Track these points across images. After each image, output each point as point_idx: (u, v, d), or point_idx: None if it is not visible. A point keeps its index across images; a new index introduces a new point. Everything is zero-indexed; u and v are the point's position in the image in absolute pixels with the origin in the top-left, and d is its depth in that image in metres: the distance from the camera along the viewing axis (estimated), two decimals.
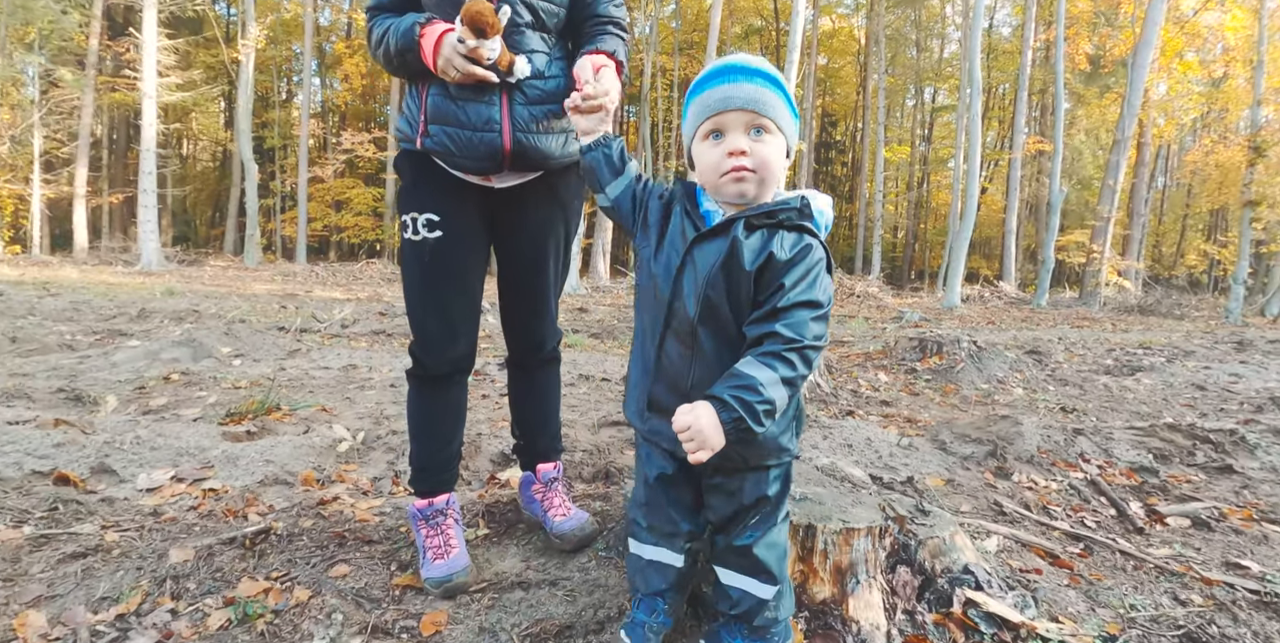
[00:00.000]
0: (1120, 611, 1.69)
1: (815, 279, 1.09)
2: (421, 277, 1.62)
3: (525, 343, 1.84)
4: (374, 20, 1.61)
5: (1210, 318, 13.42)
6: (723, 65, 1.15)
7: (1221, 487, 2.92)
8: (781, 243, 1.10)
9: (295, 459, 2.38)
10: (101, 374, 3.44)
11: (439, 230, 1.58)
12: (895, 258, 32.89)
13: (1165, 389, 5.16)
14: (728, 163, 1.11)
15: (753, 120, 1.11)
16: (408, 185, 1.63)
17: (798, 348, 1.05)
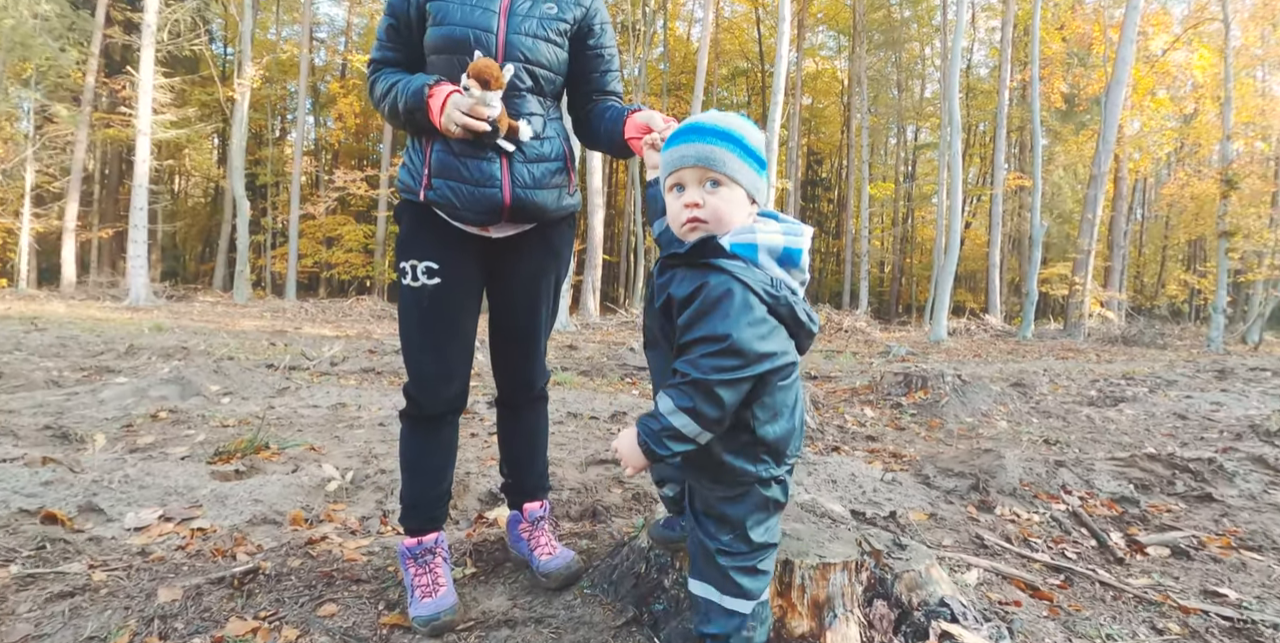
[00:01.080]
0: (1097, 640, 1.72)
1: (711, 314, 1.14)
2: (420, 321, 1.67)
3: (515, 382, 1.89)
4: (377, 73, 1.68)
5: (1193, 346, 13.61)
6: (685, 125, 1.29)
7: (1201, 515, 2.96)
8: (680, 283, 1.20)
9: (284, 498, 2.40)
10: (89, 411, 3.44)
11: (438, 277, 1.65)
12: (883, 292, 33.24)
13: (1147, 419, 5.23)
14: (685, 214, 1.24)
15: (704, 175, 1.23)
16: (408, 234, 1.68)
17: (690, 382, 1.14)
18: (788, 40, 13.80)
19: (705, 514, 1.29)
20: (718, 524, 1.27)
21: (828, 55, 32.96)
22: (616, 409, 4.66)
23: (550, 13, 1.68)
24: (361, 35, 29.40)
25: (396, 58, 1.69)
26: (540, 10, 1.67)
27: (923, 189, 32.03)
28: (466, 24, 1.60)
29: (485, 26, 1.61)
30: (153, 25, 14.81)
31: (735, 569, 1.24)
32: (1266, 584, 2.27)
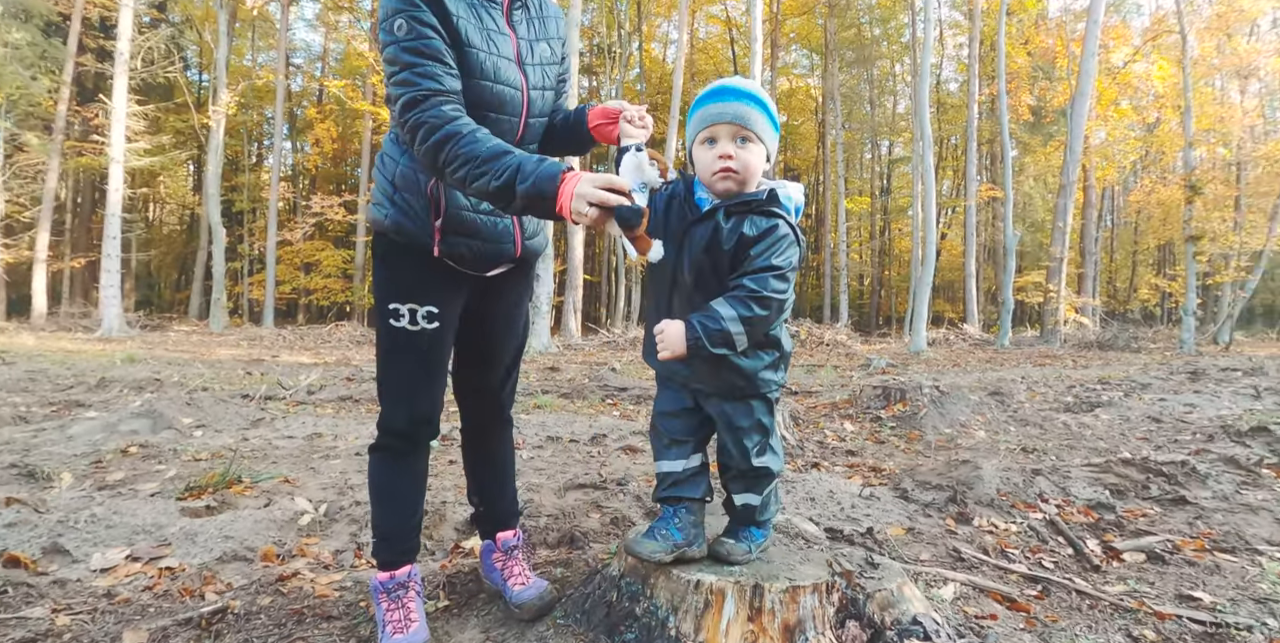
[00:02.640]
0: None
1: (777, 249, 1.40)
2: (415, 364, 1.66)
3: (489, 408, 1.89)
4: (450, 119, 1.41)
5: (1165, 349, 13.84)
6: (720, 86, 1.46)
7: (1176, 518, 3.00)
8: (752, 225, 1.41)
9: (255, 534, 2.36)
10: (57, 448, 3.37)
11: (437, 321, 1.64)
12: (863, 304, 33.55)
13: (1122, 424, 5.30)
14: (718, 164, 1.42)
15: (738, 132, 1.42)
16: (408, 278, 1.64)
17: (757, 296, 1.37)
18: (760, 60, 14.03)
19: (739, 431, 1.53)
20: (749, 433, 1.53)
21: (801, 73, 33.53)
22: (596, 432, 4.65)
23: (547, 57, 1.69)
24: (339, 60, 29.44)
25: (457, 86, 1.49)
26: (541, 56, 1.68)
27: (898, 202, 32.49)
28: (498, 81, 1.58)
29: (515, 85, 1.61)
30: (126, 53, 14.74)
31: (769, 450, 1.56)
32: (1240, 586, 2.30)
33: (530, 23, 1.68)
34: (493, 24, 1.57)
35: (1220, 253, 16.74)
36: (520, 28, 1.65)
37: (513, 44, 1.61)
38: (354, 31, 27.06)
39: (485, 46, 1.54)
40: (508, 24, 1.62)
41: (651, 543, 1.50)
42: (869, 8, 29.06)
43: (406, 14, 1.44)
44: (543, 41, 1.70)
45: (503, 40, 1.59)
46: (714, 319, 1.35)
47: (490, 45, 1.55)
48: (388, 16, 1.47)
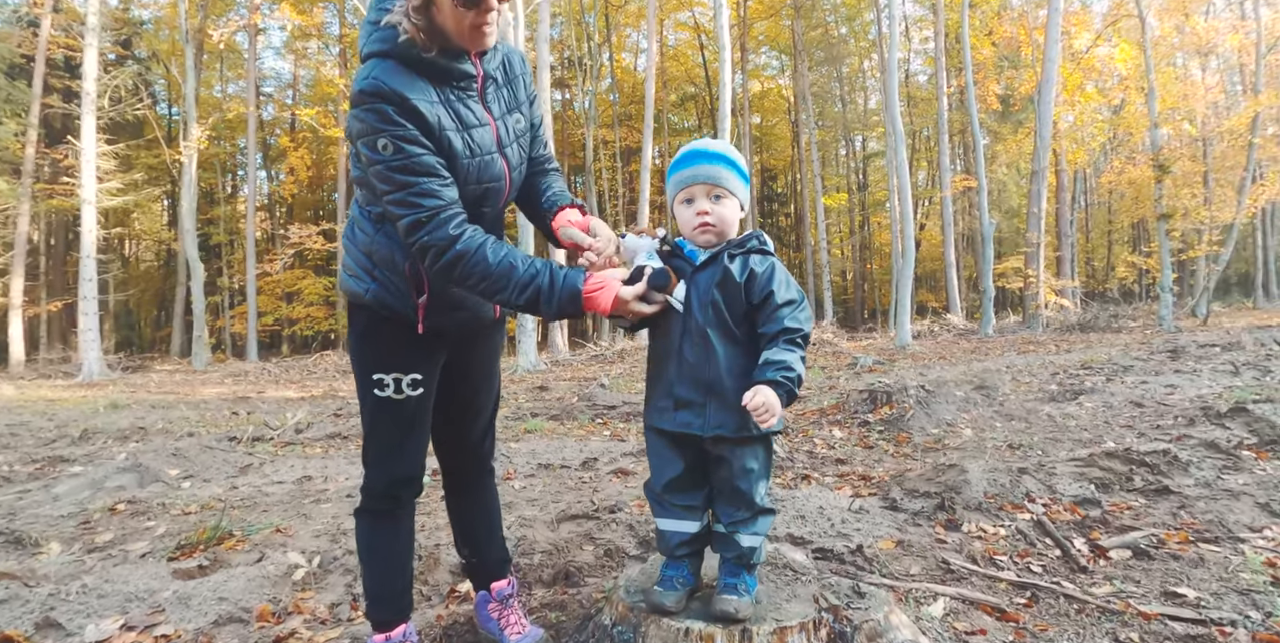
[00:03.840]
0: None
1: (787, 282, 1.54)
2: (402, 429, 1.68)
3: (472, 458, 1.91)
4: (460, 230, 1.43)
5: (1145, 327, 14.02)
6: (690, 151, 1.60)
7: (1160, 509, 3.05)
8: (755, 262, 1.55)
9: (249, 593, 2.35)
10: (43, 509, 3.34)
11: (422, 387, 1.66)
12: (847, 300, 33.74)
13: (1105, 411, 5.37)
14: (697, 220, 1.56)
15: (711, 190, 1.57)
16: (389, 347, 1.64)
17: (802, 334, 1.50)
18: (730, 64, 14.13)
19: (749, 474, 1.55)
20: (759, 476, 1.56)
21: (771, 75, 33.80)
22: (587, 455, 4.66)
23: (521, 128, 1.69)
24: (309, 87, 29.31)
25: (455, 193, 1.48)
26: (515, 129, 1.66)
27: (875, 196, 32.77)
28: (483, 181, 1.58)
29: (500, 177, 1.62)
30: (93, 93, 14.60)
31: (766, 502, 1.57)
32: (1223, 577, 2.35)
33: (501, 95, 1.64)
34: (472, 117, 1.54)
35: (1193, 228, 17.01)
36: (495, 107, 1.62)
37: (492, 131, 1.59)
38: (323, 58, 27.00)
39: (469, 152, 1.53)
40: (484, 107, 1.58)
41: (672, 594, 1.54)
42: (834, 7, 29.37)
43: (389, 134, 1.40)
44: (515, 111, 1.68)
45: (483, 133, 1.56)
46: (785, 366, 1.44)
47: (474, 148, 1.53)
48: (368, 134, 1.41)
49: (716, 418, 1.52)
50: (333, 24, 25.97)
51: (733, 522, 1.55)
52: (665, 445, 1.60)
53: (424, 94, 1.45)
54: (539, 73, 15.08)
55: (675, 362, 1.56)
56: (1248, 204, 15.64)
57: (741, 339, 1.55)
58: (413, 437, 1.69)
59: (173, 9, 21.01)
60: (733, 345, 1.54)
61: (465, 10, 1.38)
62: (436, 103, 1.47)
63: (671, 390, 1.57)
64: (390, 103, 1.40)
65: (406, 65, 1.44)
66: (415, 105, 1.41)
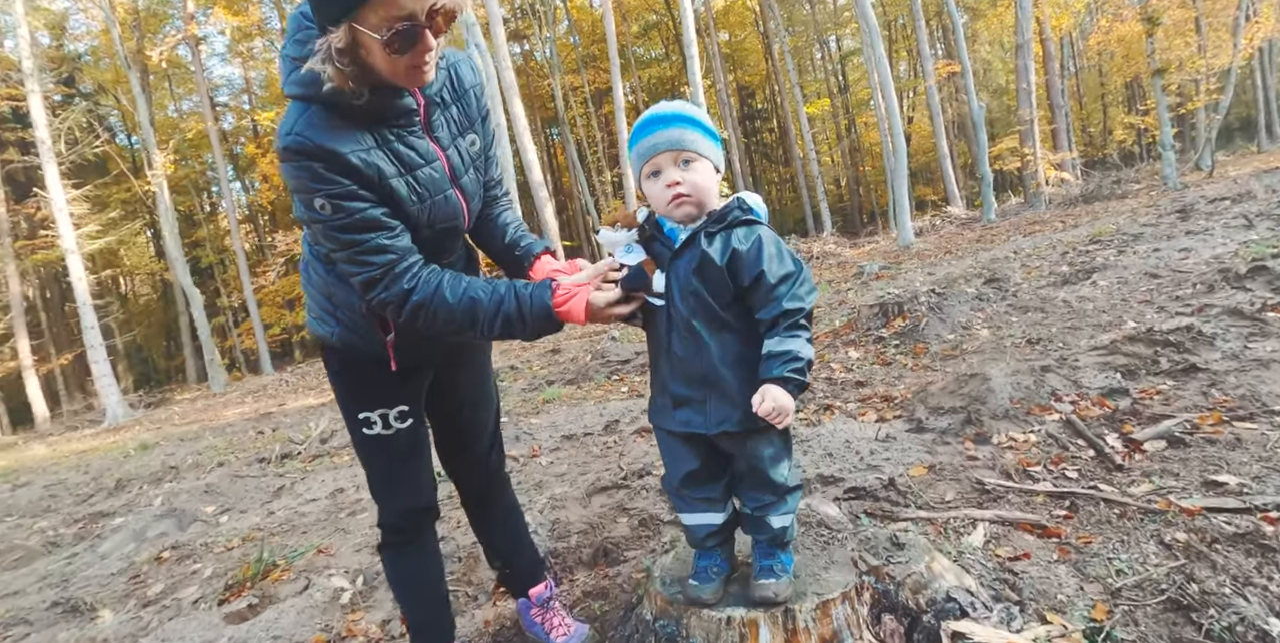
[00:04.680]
0: (1107, 580, 1.73)
1: (779, 255, 1.37)
2: (400, 461, 1.62)
3: (484, 474, 1.86)
4: (416, 277, 1.34)
5: (1150, 189, 13.68)
6: (647, 118, 1.42)
7: (1190, 389, 2.98)
8: (737, 238, 1.38)
9: (300, 626, 2.38)
10: (93, 571, 3.40)
11: (410, 418, 1.59)
12: (844, 207, 33.18)
13: (1121, 288, 5.26)
14: (668, 194, 1.39)
15: (678, 156, 1.39)
16: (369, 385, 1.57)
17: (805, 314, 1.36)
18: None
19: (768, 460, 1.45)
20: (778, 459, 1.46)
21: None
22: (609, 418, 4.65)
23: (475, 151, 1.52)
24: (263, 87, 28.44)
25: (407, 241, 1.36)
26: (469, 154, 1.49)
27: (859, 96, 31.66)
28: (435, 224, 1.42)
29: (457, 214, 1.47)
30: (47, 140, 14.18)
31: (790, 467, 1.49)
32: (1263, 457, 2.30)
33: (449, 117, 1.46)
34: (416, 157, 1.36)
35: (1189, 79, 16.33)
36: (443, 134, 1.43)
37: (443, 165, 1.42)
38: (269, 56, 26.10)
39: (417, 197, 1.37)
40: (430, 139, 1.40)
41: (709, 585, 1.51)
42: None
43: (324, 194, 1.25)
44: (469, 132, 1.50)
45: (432, 172, 1.39)
46: (790, 358, 1.32)
47: (422, 191, 1.37)
48: (302, 192, 1.27)
49: (719, 414, 1.41)
50: (272, 18, 24.98)
51: (760, 506, 1.48)
52: (675, 442, 1.50)
53: (358, 143, 1.28)
54: (492, 28, 14.45)
55: (666, 358, 1.45)
56: (1244, 45, 14.91)
57: (734, 325, 1.41)
58: (414, 465, 1.64)
59: (106, 36, 20.13)
60: (724, 333, 1.41)
61: (399, 56, 1.20)
62: (374, 149, 1.30)
63: (668, 388, 1.47)
64: (319, 160, 1.24)
65: (335, 112, 1.26)
66: (349, 160, 1.25)
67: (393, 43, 1.16)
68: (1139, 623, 1.51)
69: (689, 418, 1.44)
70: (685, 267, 1.40)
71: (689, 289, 1.39)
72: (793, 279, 1.36)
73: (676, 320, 1.42)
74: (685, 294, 1.40)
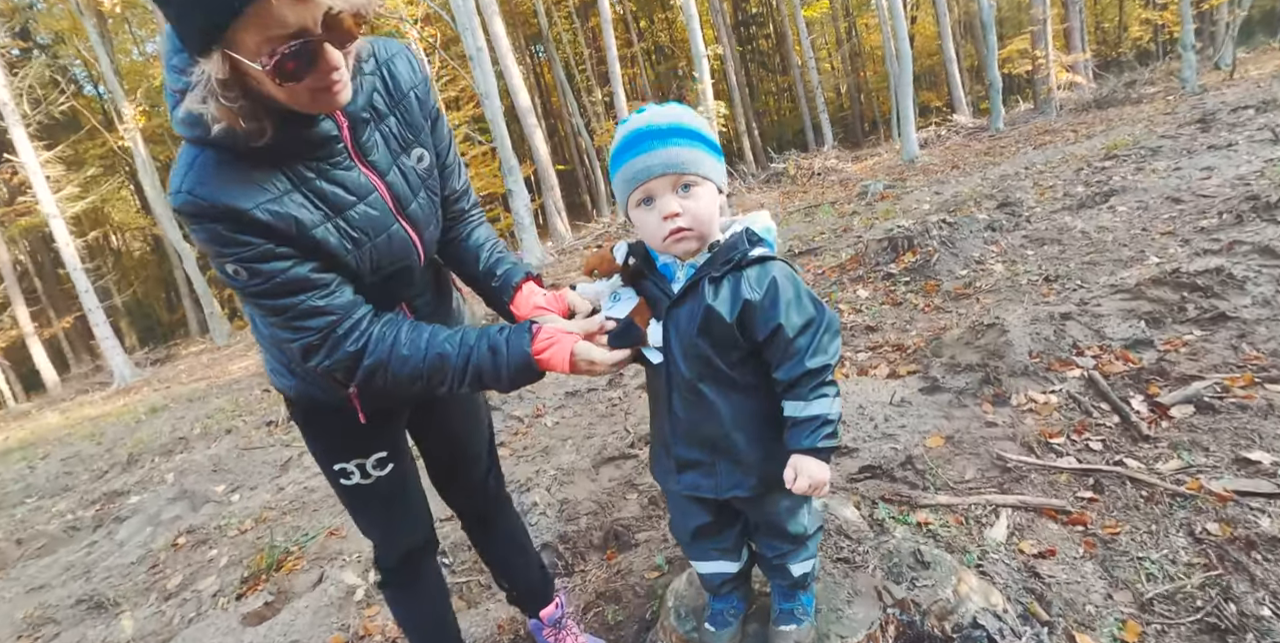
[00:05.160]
0: (1137, 586, 1.67)
1: (797, 299, 1.17)
2: (386, 507, 1.50)
3: (482, 497, 1.74)
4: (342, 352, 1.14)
5: (1167, 93, 13.00)
6: (633, 133, 1.16)
7: (1219, 341, 2.86)
8: (749, 284, 1.17)
9: (317, 625, 2.38)
10: (113, 560, 3.44)
11: (391, 463, 1.45)
12: (845, 116, 31.91)
13: (1142, 215, 5.03)
14: (665, 227, 1.16)
15: (678, 180, 1.15)
16: (340, 437, 1.41)
17: (830, 368, 1.18)
18: None
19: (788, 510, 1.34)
20: (794, 515, 1.35)
21: None
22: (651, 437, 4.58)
23: (424, 165, 1.26)
24: None
25: (346, 294, 1.15)
26: (417, 174, 1.24)
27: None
28: (381, 266, 1.21)
29: (405, 251, 1.24)
30: (9, 101, 13.37)
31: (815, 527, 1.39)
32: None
33: (386, 133, 1.20)
34: (345, 194, 1.13)
35: None
36: (379, 155, 1.18)
37: (382, 195, 1.18)
38: None
39: (352, 242, 1.14)
40: (362, 164, 1.16)
41: (726, 631, 1.44)
42: None
43: (235, 259, 1.04)
44: (414, 146, 1.24)
45: (368, 208, 1.16)
46: (821, 423, 1.17)
47: (358, 235, 1.15)
48: (212, 256, 1.06)
49: (730, 480, 1.27)
50: None
51: (779, 554, 1.37)
52: (682, 499, 1.37)
53: (266, 191, 1.04)
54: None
55: (668, 418, 1.28)
56: None
57: (745, 382, 1.23)
58: (404, 505, 1.54)
59: None
60: (734, 394, 1.23)
61: (295, 83, 0.95)
62: (290, 193, 1.07)
63: (670, 449, 1.31)
64: (218, 222, 1.01)
65: (234, 154, 1.02)
66: (254, 217, 1.02)
67: (281, 69, 0.91)
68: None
69: (696, 482, 1.30)
70: (687, 321, 1.20)
71: (693, 351, 1.20)
72: (814, 327, 1.17)
73: (678, 380, 1.23)
74: (688, 355, 1.21)
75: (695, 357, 1.20)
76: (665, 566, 2.17)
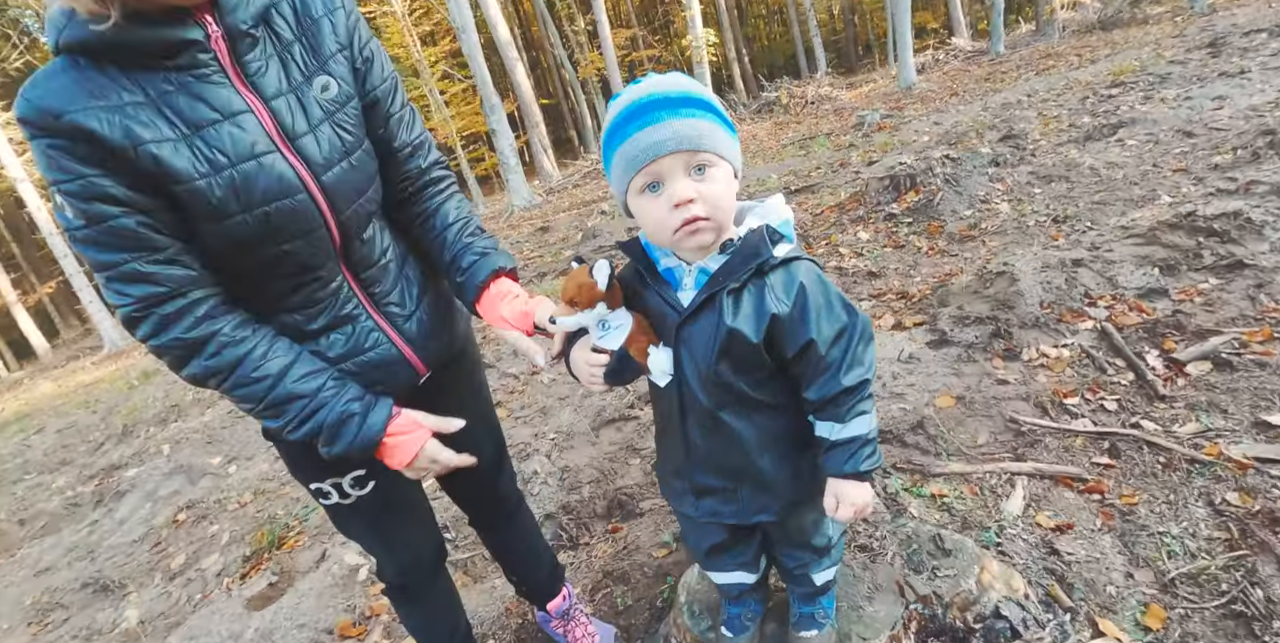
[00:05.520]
0: (1159, 565, 1.62)
1: (828, 305, 1.02)
2: (374, 526, 1.36)
3: (493, 500, 1.61)
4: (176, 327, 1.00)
5: (1175, 14, 12.41)
6: (637, 102, 0.96)
7: (1235, 291, 2.76)
8: (774, 294, 1.01)
9: (324, 607, 2.36)
10: (115, 538, 3.42)
11: (373, 480, 1.27)
12: (838, 40, 30.66)
13: (1152, 150, 4.84)
14: (676, 217, 0.96)
15: (691, 160, 0.95)
16: (305, 452, 1.19)
17: (869, 383, 1.05)
18: None
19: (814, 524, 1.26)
20: (820, 527, 1.27)
21: None
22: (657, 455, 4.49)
23: (332, 95, 1.09)
24: None
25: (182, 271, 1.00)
26: (316, 101, 1.07)
27: None
28: (252, 203, 1.00)
29: (289, 186, 1.03)
30: None
31: None
32: None
33: (284, 57, 1.05)
34: (208, 110, 0.97)
35: None
36: (267, 80, 1.02)
37: (260, 115, 1.01)
38: None
39: (206, 163, 0.96)
40: (240, 82, 1.00)
41: (743, 637, 1.39)
42: None
43: (62, 190, 0.91)
44: (319, 74, 1.07)
45: (237, 128, 0.99)
46: (860, 444, 1.05)
47: (215, 156, 0.97)
48: (49, 186, 0.93)
49: (755, 504, 1.15)
50: None
51: (800, 565, 1.29)
52: (696, 522, 1.27)
53: (108, 97, 0.91)
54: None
55: (682, 445, 1.14)
56: None
57: (771, 401, 1.09)
58: (399, 521, 1.38)
59: None
60: (758, 415, 1.09)
61: None
62: (141, 105, 0.93)
63: (686, 475, 1.18)
64: (44, 132, 0.89)
65: (88, 56, 0.92)
66: (79, 124, 0.89)
67: None
68: (1197, 636, 1.42)
69: (716, 509, 1.19)
70: (703, 345, 1.03)
71: (713, 379, 1.04)
72: (847, 336, 1.02)
73: (693, 408, 1.08)
74: (707, 383, 1.05)
75: (715, 385, 1.05)
76: (673, 543, 2.13)
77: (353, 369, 1.18)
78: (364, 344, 1.19)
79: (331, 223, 1.09)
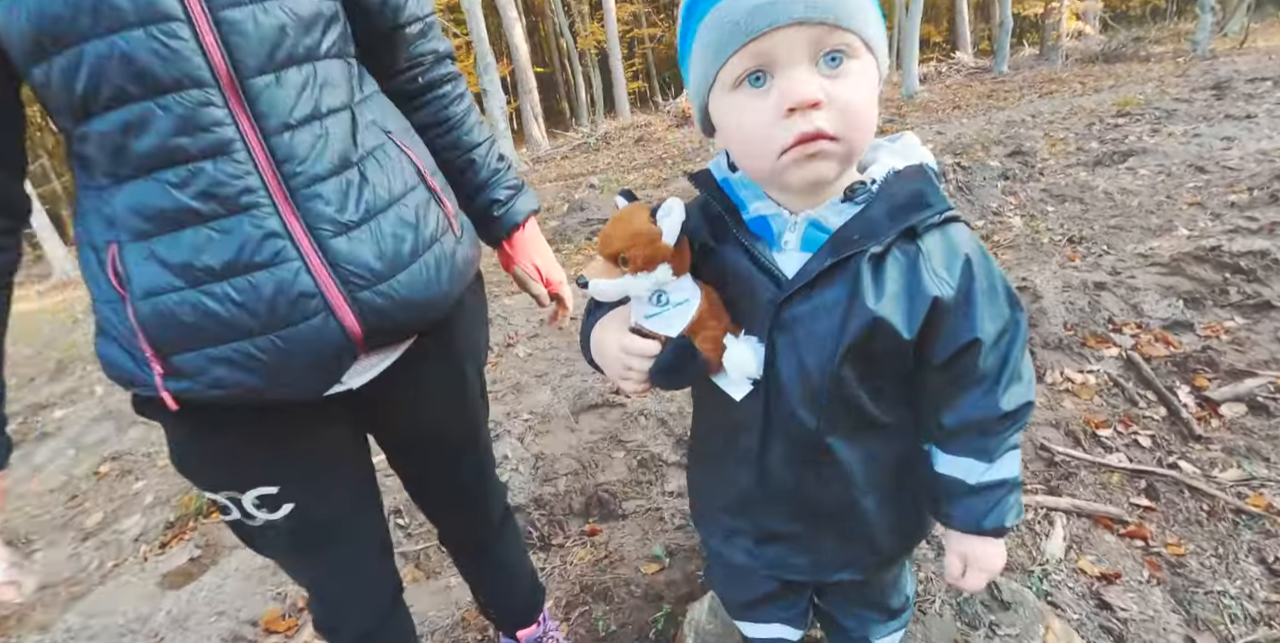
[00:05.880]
0: (1220, 629, 1.45)
1: (993, 293, 0.70)
2: (295, 564, 1.02)
3: (472, 518, 1.26)
4: None
5: (1176, 55, 12.54)
6: None
7: (1264, 332, 2.64)
8: (931, 268, 0.67)
9: (250, 594, 2.07)
10: (29, 486, 3.06)
11: (290, 503, 0.89)
12: None
13: (1165, 181, 4.75)
14: (788, 131, 0.61)
15: (825, 39, 0.60)
16: (192, 450, 0.89)
17: (1032, 406, 0.75)
18: None
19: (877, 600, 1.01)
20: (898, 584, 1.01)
21: None
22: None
23: None
24: None
25: None
26: None
27: None
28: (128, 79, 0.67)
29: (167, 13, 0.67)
30: None
31: None
32: None
33: None
34: None
35: None
36: None
37: None
38: None
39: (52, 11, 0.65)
40: None
41: None
42: None
43: None
44: None
45: None
46: (1008, 489, 0.77)
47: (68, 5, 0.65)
48: None
49: (842, 557, 0.86)
50: None
51: (862, 624, 1.03)
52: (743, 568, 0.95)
53: None
54: None
55: (754, 477, 0.80)
56: None
57: (885, 419, 0.77)
58: (329, 562, 1.01)
59: None
60: (871, 441, 0.78)
61: None
62: None
63: (747, 514, 0.86)
64: None
65: None
66: None
67: None
68: None
69: (785, 561, 0.87)
70: (823, 338, 0.68)
71: (829, 390, 0.71)
72: (1009, 338, 0.71)
73: (784, 429, 0.75)
74: (818, 396, 0.71)
75: (832, 398, 0.71)
76: (665, 558, 1.89)
77: (237, 300, 0.73)
78: (252, 252, 0.73)
79: (231, 93, 0.70)
